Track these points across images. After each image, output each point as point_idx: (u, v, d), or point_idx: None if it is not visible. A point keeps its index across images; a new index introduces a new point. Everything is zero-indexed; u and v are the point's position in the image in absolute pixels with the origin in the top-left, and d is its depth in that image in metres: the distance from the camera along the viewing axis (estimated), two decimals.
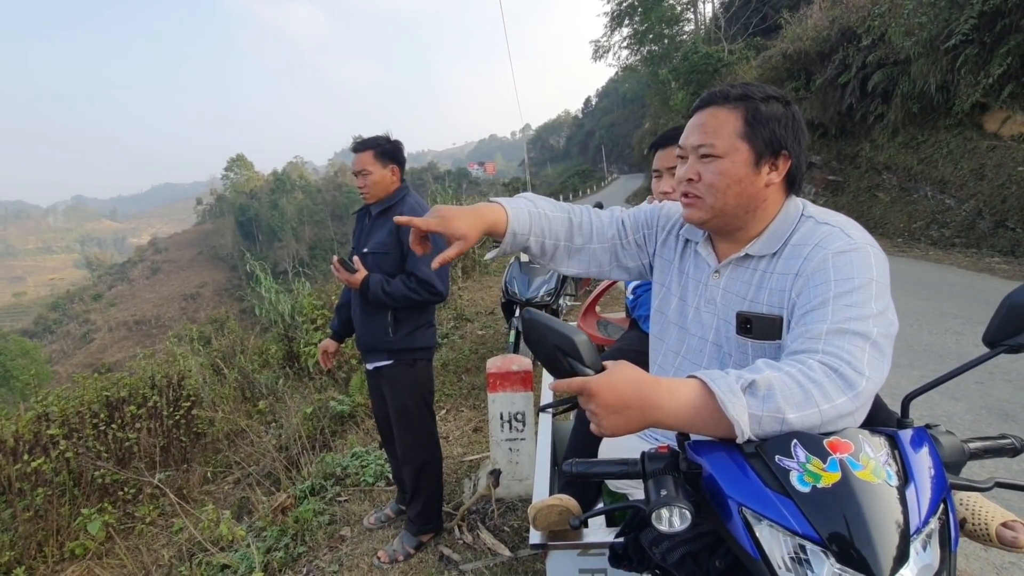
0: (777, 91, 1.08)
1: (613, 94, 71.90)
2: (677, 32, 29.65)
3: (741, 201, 1.06)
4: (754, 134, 1.03)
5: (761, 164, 1.05)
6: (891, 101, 10.67)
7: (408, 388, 2.48)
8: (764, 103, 1.04)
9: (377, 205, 2.45)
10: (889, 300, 0.94)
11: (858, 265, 0.95)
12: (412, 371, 2.48)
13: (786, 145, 1.05)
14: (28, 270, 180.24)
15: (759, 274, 1.08)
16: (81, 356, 54.52)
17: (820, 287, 0.95)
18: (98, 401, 4.53)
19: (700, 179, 1.07)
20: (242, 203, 76.71)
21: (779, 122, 1.04)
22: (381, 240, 2.39)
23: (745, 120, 1.04)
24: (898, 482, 0.74)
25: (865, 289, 0.92)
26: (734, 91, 1.07)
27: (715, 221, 1.10)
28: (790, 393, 0.79)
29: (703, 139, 1.06)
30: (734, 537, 0.75)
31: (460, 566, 2.43)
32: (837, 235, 1.00)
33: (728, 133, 1.04)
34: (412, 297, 2.30)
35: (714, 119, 1.06)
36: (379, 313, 2.41)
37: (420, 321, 2.46)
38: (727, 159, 1.04)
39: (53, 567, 3.29)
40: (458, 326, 6.67)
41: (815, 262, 0.98)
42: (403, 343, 2.43)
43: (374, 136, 2.48)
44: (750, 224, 1.10)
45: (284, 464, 3.69)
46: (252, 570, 2.50)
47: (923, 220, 9.50)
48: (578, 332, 0.88)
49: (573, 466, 0.90)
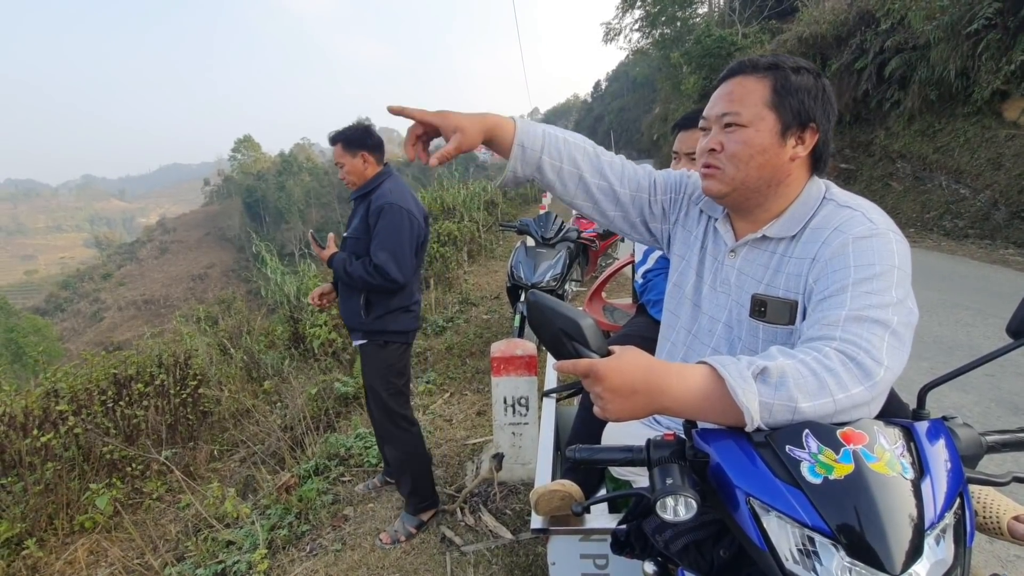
0: (808, 63, 1.03)
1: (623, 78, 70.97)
2: (690, 15, 29.09)
3: (764, 173, 1.02)
4: (782, 103, 0.99)
5: (788, 136, 1.00)
6: (908, 88, 10.44)
7: (377, 369, 2.51)
8: (795, 73, 1.00)
9: (355, 192, 2.51)
10: (910, 289, 0.90)
11: (879, 251, 0.91)
12: (382, 352, 2.50)
13: (814, 118, 1.00)
14: (39, 248, 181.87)
15: (777, 257, 1.04)
16: (92, 334, 55.19)
17: (839, 272, 0.91)
18: (106, 378, 4.57)
19: (723, 149, 1.03)
20: (249, 185, 76.72)
21: (809, 93, 1.00)
22: (355, 225, 2.46)
23: (774, 89, 0.99)
24: (913, 475, 0.71)
25: (886, 276, 0.88)
26: (763, 60, 1.02)
27: (735, 195, 1.06)
28: (804, 381, 0.76)
29: (728, 107, 1.02)
30: (741, 528, 0.73)
31: (462, 548, 2.44)
32: (859, 219, 0.96)
33: (755, 101, 1.00)
34: (368, 280, 2.34)
35: (741, 87, 1.02)
36: (353, 295, 2.47)
37: (392, 306, 2.47)
38: (752, 128, 1.00)
39: (63, 540, 3.34)
40: (463, 310, 6.66)
41: (834, 247, 0.95)
42: (375, 325, 2.47)
43: (343, 128, 2.49)
44: (771, 201, 1.06)
45: (289, 444, 3.71)
46: (256, 547, 2.53)
47: (937, 210, 9.35)
48: (584, 316, 0.86)
49: (577, 452, 0.88)
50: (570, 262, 4.72)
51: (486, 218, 11.42)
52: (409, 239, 2.40)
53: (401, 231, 2.37)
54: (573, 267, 4.95)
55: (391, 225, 2.35)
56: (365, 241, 2.41)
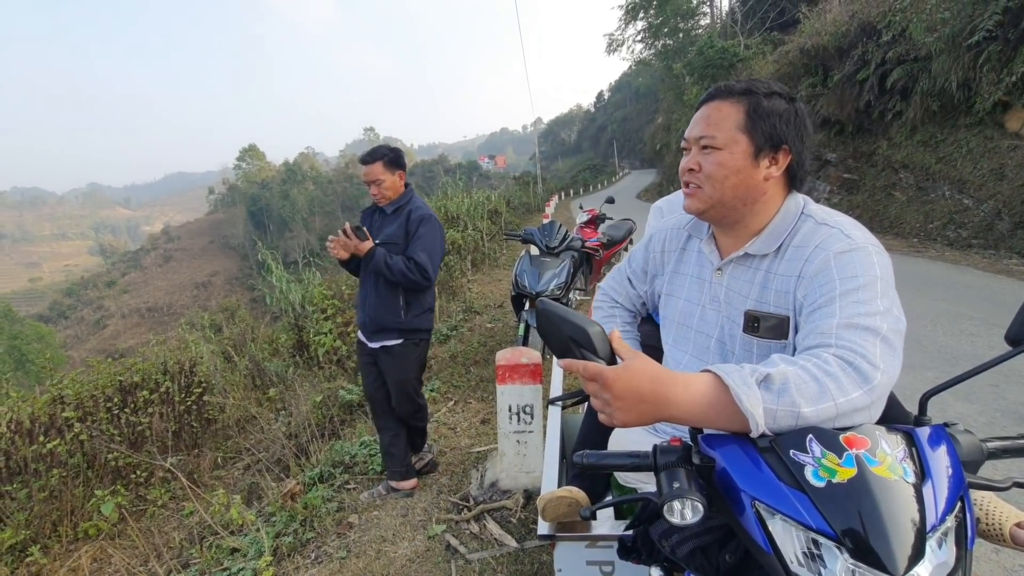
0: (782, 87, 1.10)
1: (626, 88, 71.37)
2: (692, 26, 29.31)
3: (739, 192, 1.08)
4: (754, 127, 1.05)
5: (760, 157, 1.06)
6: (910, 98, 10.48)
7: (411, 365, 2.86)
8: (767, 98, 1.06)
9: (390, 205, 2.82)
10: (895, 297, 0.94)
11: (860, 264, 0.96)
12: (417, 350, 2.87)
13: (787, 140, 1.06)
14: (44, 256, 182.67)
15: (762, 273, 1.10)
16: (95, 342, 55.29)
17: (825, 286, 0.96)
18: (112, 385, 4.59)
19: (700, 169, 1.09)
20: (253, 193, 77.14)
21: (780, 117, 1.06)
22: (392, 232, 2.76)
23: (747, 113, 1.06)
24: (915, 479, 0.73)
25: (870, 287, 0.92)
26: (738, 86, 1.09)
27: (713, 212, 1.12)
28: (805, 387, 0.79)
29: (705, 131, 1.09)
30: (747, 531, 0.75)
31: (467, 556, 2.45)
32: (837, 236, 1.01)
33: (729, 126, 1.06)
34: (406, 274, 2.64)
35: (717, 112, 1.08)
36: (393, 296, 2.74)
37: (425, 305, 2.84)
38: (726, 150, 1.06)
39: (67, 546, 3.34)
40: (467, 318, 6.68)
41: (816, 263, 1.00)
42: (412, 323, 2.79)
43: (378, 147, 2.82)
44: (749, 218, 1.12)
45: (293, 451, 3.72)
46: (261, 554, 2.53)
47: (940, 220, 9.36)
48: (592, 323, 0.88)
49: (584, 458, 0.89)
50: (574, 271, 4.74)
51: (490, 227, 11.46)
52: (441, 247, 2.81)
53: (436, 239, 2.78)
54: (577, 276, 4.97)
55: (431, 232, 2.74)
56: (401, 246, 2.73)
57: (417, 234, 2.71)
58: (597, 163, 66.77)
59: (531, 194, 26.99)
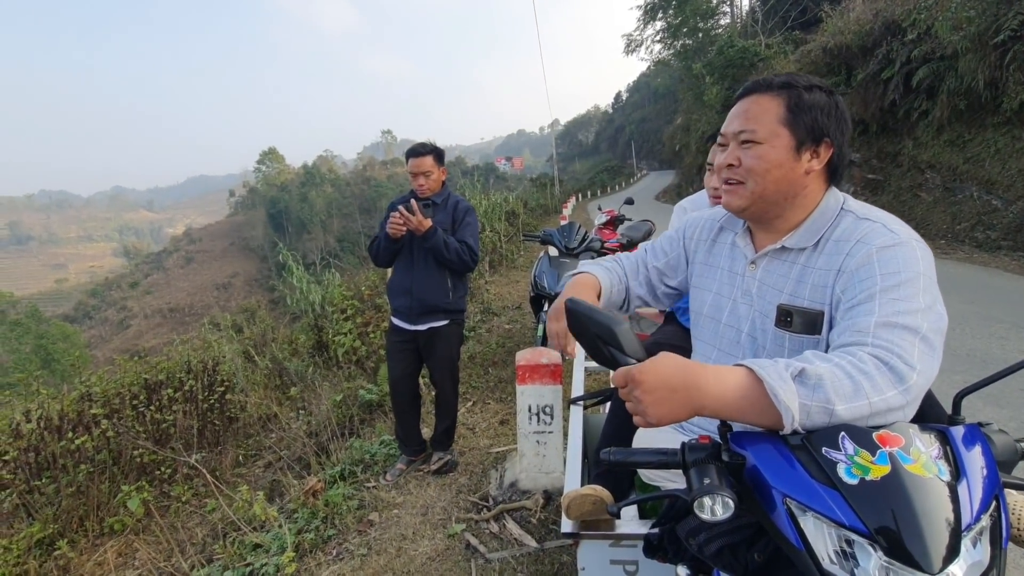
0: (821, 81, 1.07)
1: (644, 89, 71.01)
2: (712, 26, 29.03)
3: (780, 187, 1.06)
4: (796, 121, 1.03)
5: (802, 151, 1.04)
6: (936, 97, 10.27)
7: (456, 344, 3.15)
8: (807, 91, 1.04)
9: (436, 196, 3.03)
10: (937, 294, 0.92)
11: (904, 259, 0.94)
12: (459, 329, 3.15)
13: (828, 133, 1.04)
14: (69, 258, 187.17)
15: (799, 267, 1.07)
16: (118, 341, 56.42)
17: (865, 282, 0.94)
18: (137, 384, 4.69)
19: (740, 164, 1.07)
20: (273, 195, 78.17)
21: (822, 110, 1.04)
22: (440, 220, 2.96)
23: (787, 107, 1.04)
24: (950, 478, 0.72)
25: (912, 283, 0.90)
26: (777, 79, 1.07)
27: (754, 208, 1.10)
28: (840, 384, 0.78)
29: (744, 125, 1.06)
30: (778, 528, 0.74)
31: (487, 555, 2.45)
32: (880, 230, 0.99)
33: (769, 119, 1.04)
34: (459, 254, 2.90)
35: (756, 106, 1.06)
36: (442, 278, 2.97)
37: (466, 287, 3.14)
38: (767, 144, 1.04)
39: (93, 541, 3.41)
40: (485, 319, 6.70)
41: (858, 258, 0.97)
42: (457, 304, 3.05)
43: (426, 143, 3.04)
44: (789, 213, 1.10)
45: (314, 449, 3.76)
46: (284, 550, 2.57)
47: (968, 221, 9.15)
48: (619, 321, 0.88)
49: (611, 454, 0.89)
50: None
51: (507, 228, 11.48)
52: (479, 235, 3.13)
53: (477, 228, 3.08)
54: None
55: (475, 222, 3.06)
56: (450, 232, 2.97)
57: (464, 222, 2.99)
58: (615, 164, 66.46)
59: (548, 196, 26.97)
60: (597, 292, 1.26)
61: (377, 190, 74.57)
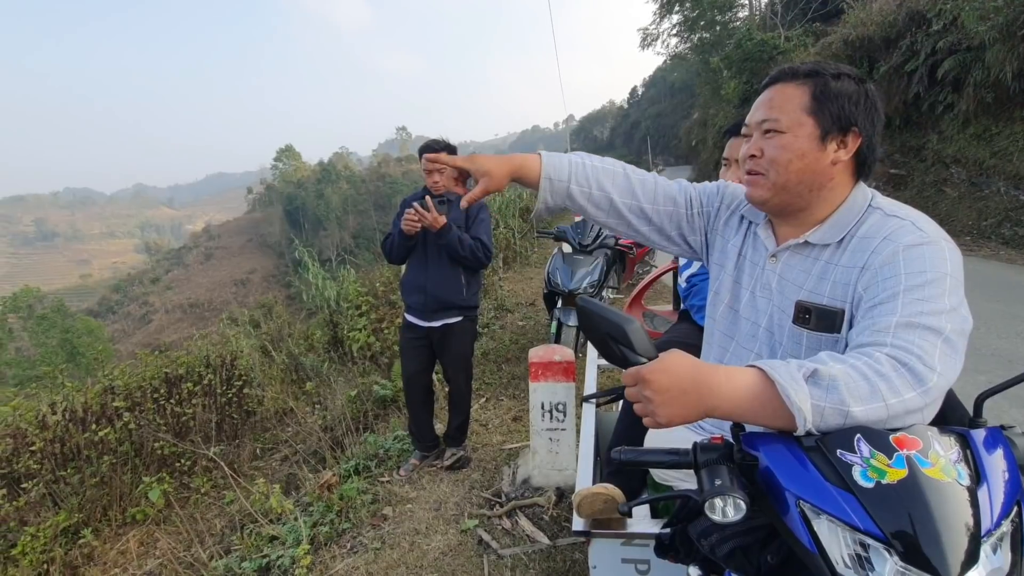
0: (851, 69, 1.03)
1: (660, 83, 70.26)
2: (730, 18, 28.57)
3: (804, 178, 1.02)
4: (821, 109, 0.99)
5: (828, 140, 1.00)
6: (962, 90, 10.01)
7: (470, 340, 3.16)
8: (835, 79, 1.00)
9: (450, 193, 3.03)
10: (963, 296, 0.89)
11: (931, 259, 0.90)
12: (473, 326, 3.17)
13: (856, 122, 1.00)
14: (93, 254, 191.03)
15: (821, 264, 1.04)
16: (140, 336, 57.53)
17: (889, 280, 0.90)
18: (158, 377, 4.77)
19: (763, 155, 1.04)
20: (290, 193, 78.88)
21: (849, 98, 1.00)
22: (454, 217, 2.96)
23: (812, 95, 1.00)
24: (970, 482, 0.71)
25: (938, 283, 0.87)
26: (803, 67, 1.03)
27: (777, 200, 1.06)
28: (855, 385, 0.76)
29: (768, 114, 1.03)
30: (791, 531, 0.73)
31: (499, 551, 2.46)
32: (908, 228, 0.96)
33: (793, 108, 1.01)
34: (473, 251, 2.90)
35: (781, 95, 1.03)
36: (455, 275, 2.97)
37: (479, 284, 3.15)
38: (790, 133, 1.01)
39: (116, 530, 3.49)
40: (498, 316, 6.70)
41: (884, 255, 0.94)
42: (471, 301, 3.06)
43: (440, 140, 3.06)
44: (814, 205, 1.06)
45: (329, 444, 3.80)
46: (299, 542, 2.60)
47: (995, 217, 8.92)
48: (630, 320, 0.87)
49: (623, 453, 0.89)
50: (607, 269, 4.70)
51: (521, 225, 11.45)
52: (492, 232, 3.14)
53: (490, 225, 3.11)
54: (610, 274, 4.93)
55: (488, 219, 3.08)
56: (463, 230, 2.97)
57: (478, 219, 3.00)
58: (630, 160, 65.33)
59: None
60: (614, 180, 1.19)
61: (392, 187, 74.87)
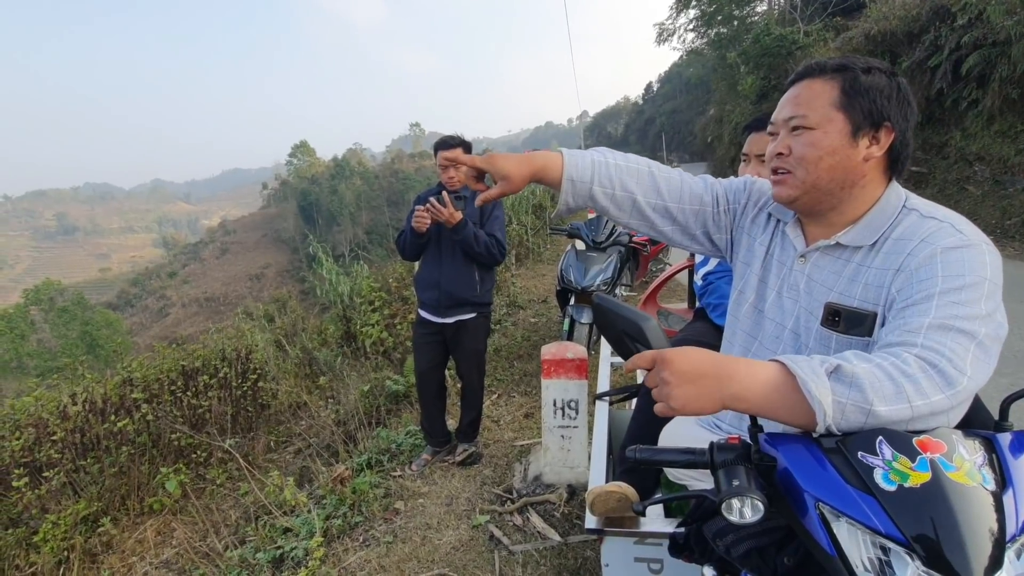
0: (881, 62, 0.99)
1: (676, 79, 69.60)
2: (748, 13, 28.19)
3: (835, 175, 0.99)
4: (851, 104, 0.96)
5: (859, 136, 0.97)
6: (987, 86, 9.79)
7: (483, 336, 3.17)
8: (865, 73, 0.97)
9: (464, 190, 2.97)
10: (1000, 302, 0.86)
11: (970, 263, 0.87)
12: (486, 322, 3.17)
13: (888, 117, 0.96)
14: (112, 248, 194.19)
15: (852, 266, 1.00)
16: (157, 329, 58.35)
17: (925, 282, 0.87)
18: (175, 370, 4.84)
19: (790, 153, 1.01)
20: (304, 188, 79.41)
21: (881, 93, 0.96)
22: (470, 213, 2.94)
23: (842, 90, 0.97)
24: (995, 487, 0.69)
25: (976, 288, 0.84)
26: (832, 62, 1.00)
27: (806, 199, 1.03)
28: (879, 385, 0.74)
29: (795, 110, 1.00)
30: (809, 533, 0.72)
31: (510, 547, 2.46)
32: (947, 230, 0.92)
33: (822, 103, 0.97)
34: (488, 247, 2.91)
35: (808, 90, 1.00)
36: (469, 271, 2.98)
37: (492, 280, 3.16)
38: (820, 130, 0.98)
39: (134, 519, 3.56)
40: (511, 313, 6.70)
41: (921, 257, 0.91)
42: (484, 297, 3.07)
43: (455, 136, 3.05)
44: (846, 204, 1.02)
45: (342, 438, 3.84)
46: (313, 534, 2.63)
47: (1019, 216, 8.73)
48: (646, 317, 0.87)
49: (637, 452, 0.88)
50: (621, 266, 4.68)
51: (534, 222, 11.43)
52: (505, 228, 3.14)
53: (504, 221, 3.12)
54: (624, 271, 4.90)
55: (502, 216, 3.10)
56: (478, 226, 2.97)
57: (493, 215, 3.01)
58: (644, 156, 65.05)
59: None
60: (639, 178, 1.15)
61: (405, 183, 75.08)
